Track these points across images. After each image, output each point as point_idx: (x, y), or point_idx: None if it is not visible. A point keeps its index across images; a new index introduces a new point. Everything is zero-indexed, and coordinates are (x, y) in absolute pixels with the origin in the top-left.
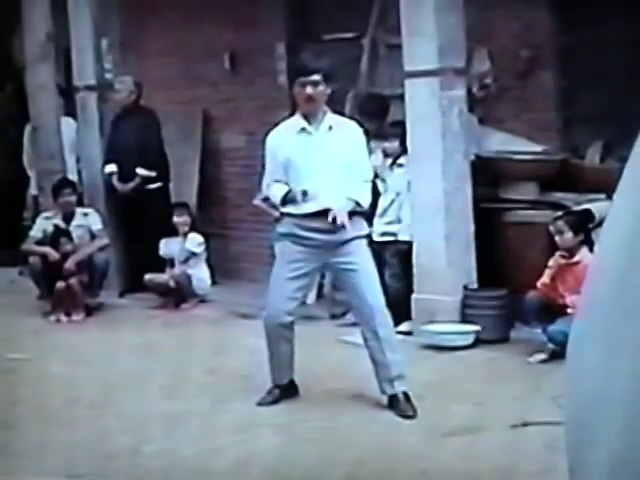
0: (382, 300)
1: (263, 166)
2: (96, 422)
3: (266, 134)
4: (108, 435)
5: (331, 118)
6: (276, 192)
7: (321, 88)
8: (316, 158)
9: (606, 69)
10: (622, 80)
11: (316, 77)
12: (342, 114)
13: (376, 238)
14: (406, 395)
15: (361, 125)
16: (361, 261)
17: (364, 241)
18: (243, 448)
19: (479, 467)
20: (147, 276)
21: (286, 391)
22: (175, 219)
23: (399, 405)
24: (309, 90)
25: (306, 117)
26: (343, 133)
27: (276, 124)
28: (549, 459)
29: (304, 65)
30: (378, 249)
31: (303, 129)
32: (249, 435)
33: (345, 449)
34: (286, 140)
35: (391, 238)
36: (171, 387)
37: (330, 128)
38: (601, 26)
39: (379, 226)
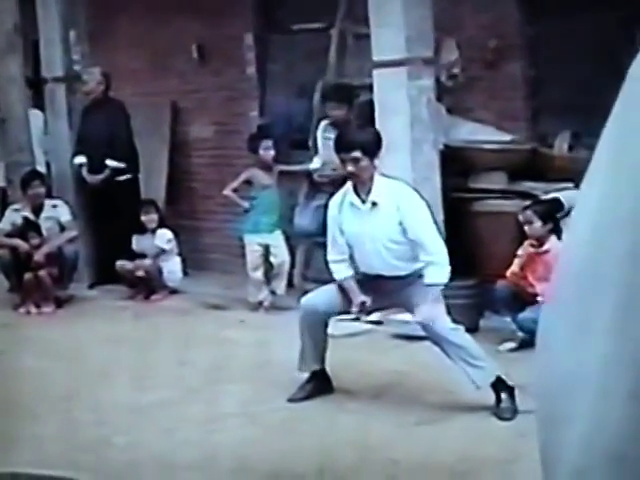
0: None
1: (233, 157)
2: (67, 414)
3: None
4: (80, 427)
5: (378, 190)
6: (335, 272)
7: (363, 164)
8: (363, 235)
9: (574, 59)
10: (590, 69)
11: (356, 154)
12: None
13: None
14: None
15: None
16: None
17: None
18: (214, 439)
19: (450, 456)
20: (119, 262)
21: (317, 384)
22: (142, 217)
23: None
24: (350, 168)
25: (356, 188)
26: (391, 206)
27: (243, 114)
28: (519, 447)
29: (345, 138)
30: None
31: (352, 204)
32: (219, 426)
33: (316, 439)
34: (342, 211)
35: None
36: (142, 378)
37: (374, 204)
38: (569, 16)
39: None
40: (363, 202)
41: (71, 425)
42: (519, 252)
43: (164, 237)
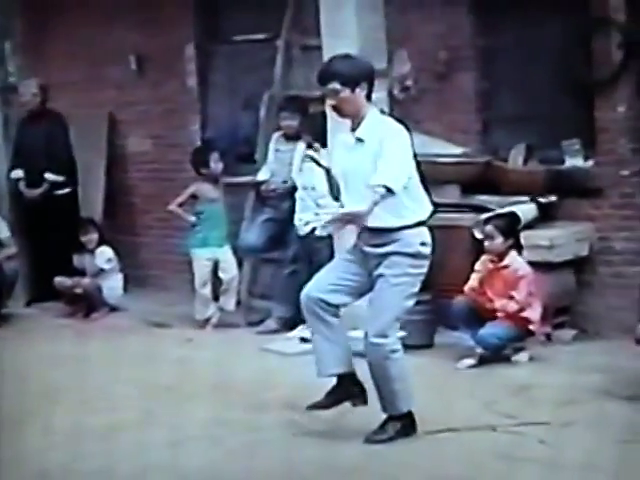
0: (382, 321)
1: (172, 170)
2: (21, 439)
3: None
4: (37, 452)
5: (367, 126)
6: None
7: (344, 94)
8: (348, 173)
9: (526, 71)
10: (542, 82)
11: (334, 85)
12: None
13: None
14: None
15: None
16: (387, 276)
17: (402, 258)
18: (176, 463)
19: (421, 478)
20: (57, 279)
21: (345, 390)
22: (81, 238)
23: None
24: (330, 101)
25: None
26: (376, 142)
27: (183, 128)
28: (489, 468)
29: (323, 70)
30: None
31: (345, 139)
32: (182, 449)
33: (279, 462)
34: (338, 148)
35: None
36: (95, 400)
37: (359, 140)
38: (520, 28)
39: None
40: (352, 140)
41: (27, 450)
42: (477, 267)
43: (104, 256)
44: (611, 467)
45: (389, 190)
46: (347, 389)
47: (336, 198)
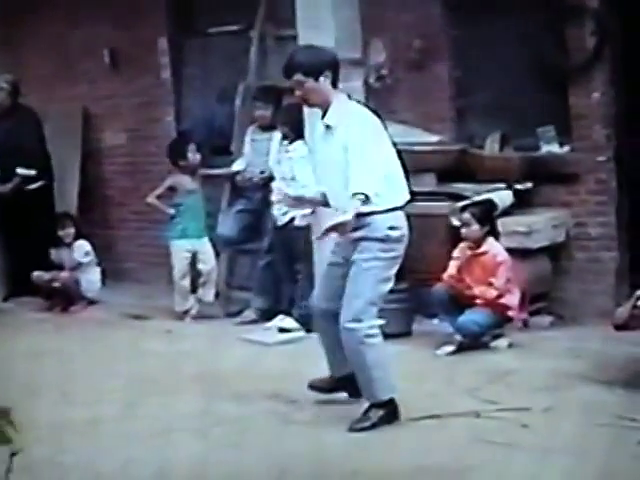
0: (356, 306)
1: (147, 163)
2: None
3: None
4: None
5: (334, 111)
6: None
7: (309, 84)
8: (322, 161)
9: (500, 59)
10: (516, 69)
11: (298, 77)
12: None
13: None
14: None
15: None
16: (358, 261)
17: (371, 242)
18: (161, 456)
19: (407, 466)
20: (36, 273)
21: (344, 383)
22: (59, 232)
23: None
24: (297, 92)
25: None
26: (344, 131)
27: (158, 120)
28: (474, 454)
29: (286, 64)
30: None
31: (321, 130)
32: (165, 441)
33: (264, 452)
34: (317, 137)
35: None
36: (76, 393)
37: (328, 128)
38: (493, 16)
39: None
40: (322, 128)
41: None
42: (455, 254)
43: (81, 250)
44: (593, 450)
45: (367, 197)
46: (348, 385)
47: None
